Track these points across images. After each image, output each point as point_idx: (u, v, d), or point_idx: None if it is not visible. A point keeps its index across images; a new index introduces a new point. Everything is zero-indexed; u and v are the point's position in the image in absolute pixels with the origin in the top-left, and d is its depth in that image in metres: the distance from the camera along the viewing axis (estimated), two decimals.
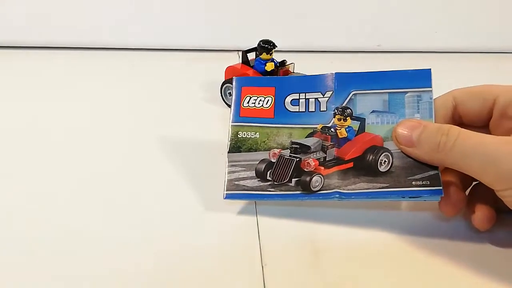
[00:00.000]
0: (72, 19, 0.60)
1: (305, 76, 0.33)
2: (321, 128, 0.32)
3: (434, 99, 0.30)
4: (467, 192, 0.30)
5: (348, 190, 0.29)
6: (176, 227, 0.29)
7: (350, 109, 0.31)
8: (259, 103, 0.33)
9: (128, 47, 0.60)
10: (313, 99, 0.32)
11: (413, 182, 0.28)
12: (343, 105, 0.32)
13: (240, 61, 0.45)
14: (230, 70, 0.46)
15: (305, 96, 0.33)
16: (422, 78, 0.31)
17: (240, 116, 0.33)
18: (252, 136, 0.32)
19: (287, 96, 0.33)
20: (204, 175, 0.34)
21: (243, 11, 0.62)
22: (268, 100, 0.33)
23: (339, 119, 0.31)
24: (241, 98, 0.33)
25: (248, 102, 0.33)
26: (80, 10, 0.60)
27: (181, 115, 0.44)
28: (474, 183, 0.31)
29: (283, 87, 0.33)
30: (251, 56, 0.45)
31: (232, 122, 0.33)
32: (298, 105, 0.32)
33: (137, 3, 0.61)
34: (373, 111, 0.31)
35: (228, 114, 0.45)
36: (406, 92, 0.31)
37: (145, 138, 0.40)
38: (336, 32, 0.63)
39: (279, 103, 0.33)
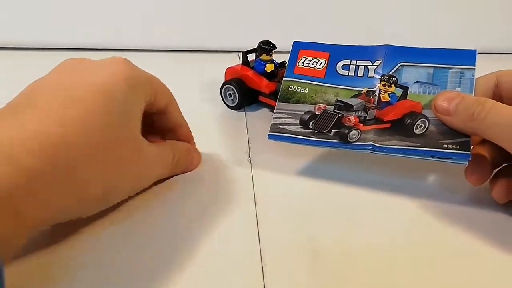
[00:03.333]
0: (71, 20, 0.60)
1: (359, 46, 0.36)
2: (366, 92, 0.34)
3: (478, 77, 0.32)
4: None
5: (382, 144, 0.31)
6: (176, 227, 0.29)
7: (396, 77, 0.34)
8: (312, 64, 0.36)
9: (128, 48, 0.61)
10: (363, 66, 0.35)
11: (444, 145, 0.30)
12: (390, 73, 0.34)
13: (240, 62, 0.45)
14: (230, 71, 0.46)
15: (356, 63, 0.35)
16: (467, 57, 0.33)
17: (294, 73, 0.36)
18: (301, 91, 0.35)
19: (339, 61, 0.36)
20: (204, 175, 0.35)
21: (243, 11, 0.62)
22: (321, 62, 0.36)
23: (384, 85, 0.34)
24: (297, 58, 0.37)
25: (303, 62, 0.36)
26: (79, 10, 0.60)
27: None
28: (504, 164, 0.32)
29: (337, 54, 0.36)
30: (251, 57, 0.45)
31: (285, 77, 0.36)
32: (348, 70, 0.35)
33: (136, 4, 0.61)
34: (417, 81, 0.33)
35: (228, 115, 0.46)
36: (451, 68, 0.33)
37: None
38: (336, 32, 0.63)
39: (331, 66, 0.36)
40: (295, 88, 0.35)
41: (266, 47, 0.43)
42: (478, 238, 0.29)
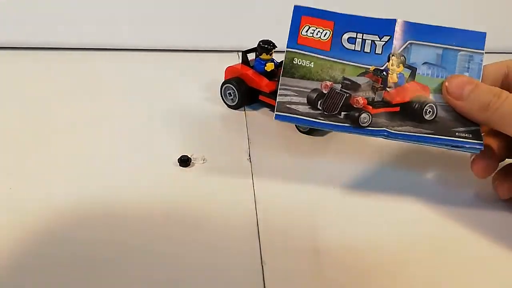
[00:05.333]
0: (70, 20, 0.60)
1: (365, 17, 0.34)
2: (373, 70, 0.33)
3: (488, 64, 0.32)
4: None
5: (395, 130, 0.31)
6: (176, 227, 0.29)
7: (404, 57, 0.33)
8: (317, 34, 0.34)
9: (128, 47, 0.60)
10: (370, 41, 0.34)
11: (457, 133, 0.30)
12: (398, 51, 0.33)
13: (240, 61, 0.45)
14: (230, 70, 0.46)
15: (362, 37, 0.34)
16: (477, 39, 0.33)
17: (298, 43, 0.34)
18: (307, 65, 0.34)
19: (344, 33, 0.34)
20: (204, 175, 0.35)
21: (243, 11, 0.62)
22: (326, 33, 0.34)
23: (392, 65, 0.33)
24: (300, 26, 0.34)
25: (306, 31, 0.34)
26: (78, 10, 0.60)
27: (181, 115, 0.44)
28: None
29: (342, 24, 0.34)
30: (251, 56, 0.45)
31: (287, 48, 0.34)
32: (354, 44, 0.34)
33: (137, 4, 0.61)
34: (425, 63, 0.33)
35: (228, 114, 0.45)
36: (460, 51, 0.32)
37: (145, 137, 0.40)
38: None
39: (336, 38, 0.34)
40: (299, 61, 0.34)
41: (266, 47, 0.43)
42: (482, 236, 0.29)
